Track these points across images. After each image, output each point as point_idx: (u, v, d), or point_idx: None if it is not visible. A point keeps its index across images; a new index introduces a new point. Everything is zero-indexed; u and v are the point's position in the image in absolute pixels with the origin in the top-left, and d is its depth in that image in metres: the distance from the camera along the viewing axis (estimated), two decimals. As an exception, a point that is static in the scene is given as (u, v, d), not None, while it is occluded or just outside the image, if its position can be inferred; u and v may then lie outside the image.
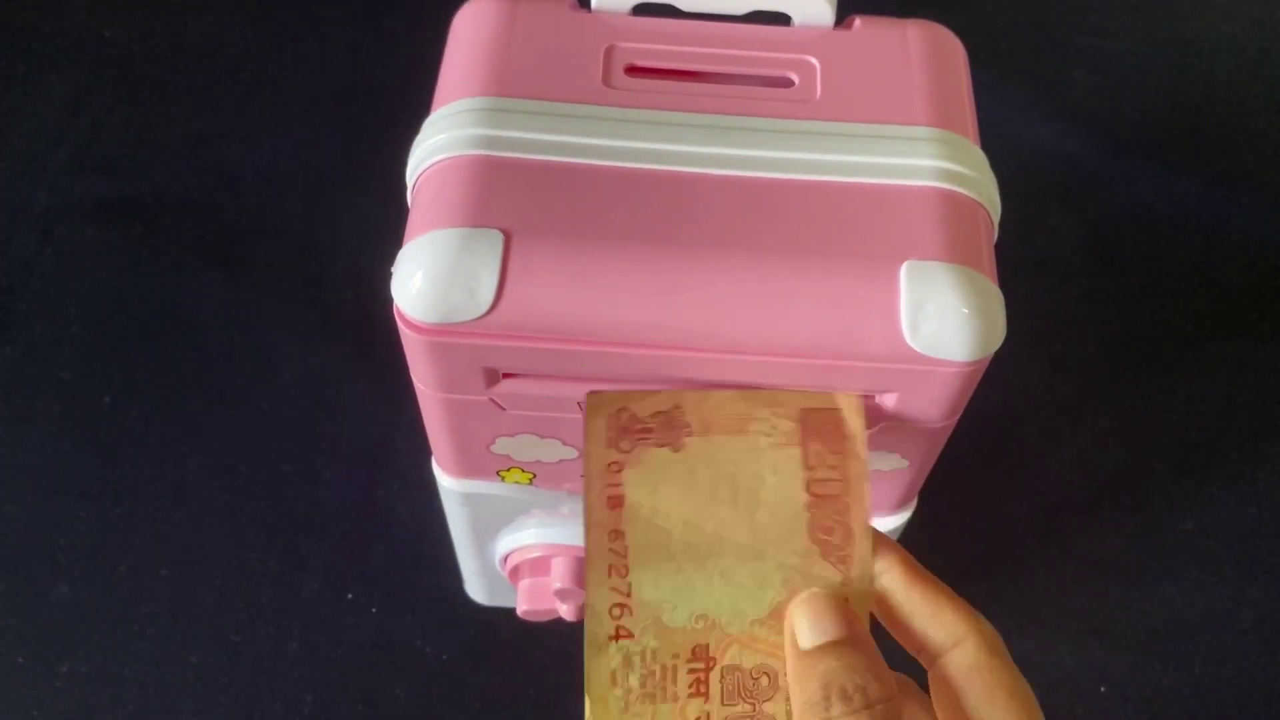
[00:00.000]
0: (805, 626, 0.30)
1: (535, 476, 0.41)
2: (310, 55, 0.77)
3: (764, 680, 0.31)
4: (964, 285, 0.31)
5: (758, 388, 0.33)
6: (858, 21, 0.38)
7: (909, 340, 0.31)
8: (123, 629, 0.56)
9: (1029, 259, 0.68)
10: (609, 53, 0.36)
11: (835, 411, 0.32)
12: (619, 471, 0.32)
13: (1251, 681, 0.56)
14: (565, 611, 0.47)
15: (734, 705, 0.31)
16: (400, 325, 0.33)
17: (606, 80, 0.35)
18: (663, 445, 0.32)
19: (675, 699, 0.31)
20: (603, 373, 0.33)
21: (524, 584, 0.47)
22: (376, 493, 0.60)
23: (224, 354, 0.64)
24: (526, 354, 0.33)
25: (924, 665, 0.31)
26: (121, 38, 0.77)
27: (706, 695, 0.31)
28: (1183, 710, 0.55)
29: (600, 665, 0.31)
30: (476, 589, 0.55)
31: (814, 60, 0.36)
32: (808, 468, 0.32)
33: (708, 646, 0.31)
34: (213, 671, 0.54)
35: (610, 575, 0.31)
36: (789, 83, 0.36)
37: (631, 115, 0.34)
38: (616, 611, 0.31)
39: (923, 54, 0.37)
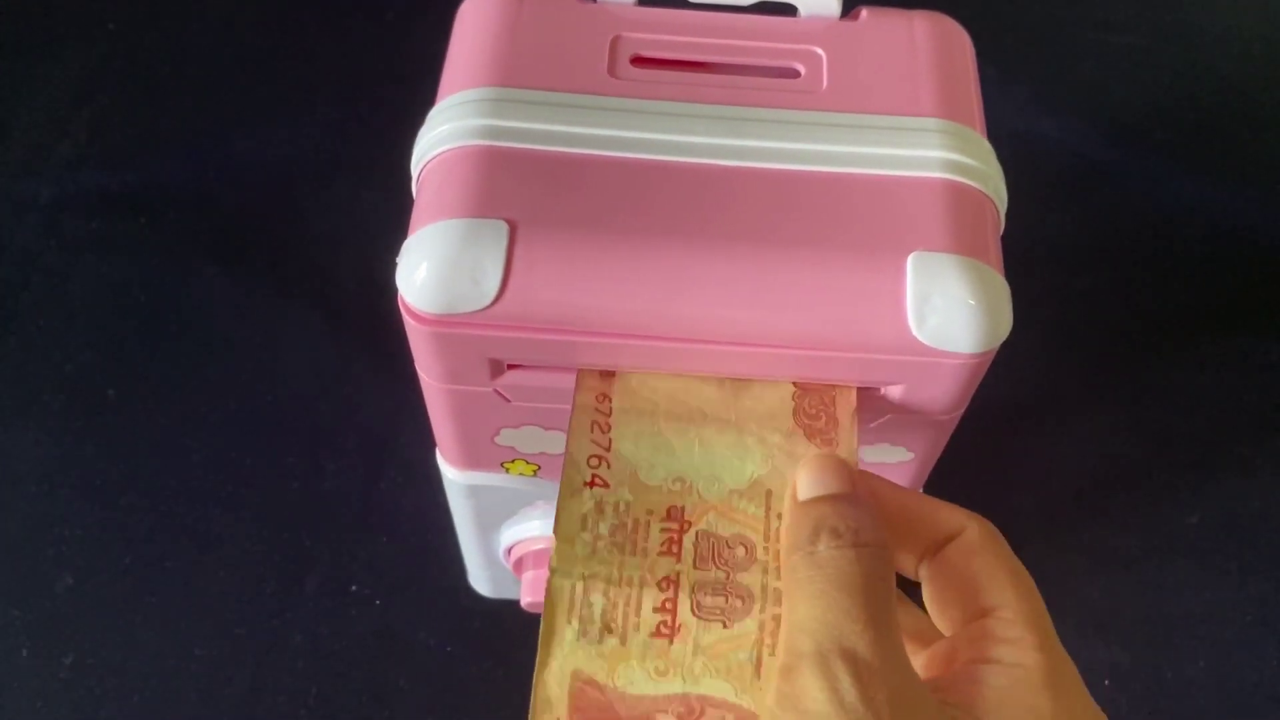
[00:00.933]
0: (805, 480, 0.30)
1: (540, 469, 0.41)
2: (314, 47, 0.77)
3: (740, 550, 0.31)
4: (970, 277, 0.31)
5: (762, 380, 0.33)
6: (864, 13, 0.38)
7: (915, 332, 0.31)
8: (126, 621, 0.56)
9: (1034, 253, 0.68)
10: (615, 43, 0.36)
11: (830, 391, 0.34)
12: (610, 380, 0.33)
13: (1256, 674, 0.56)
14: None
15: (707, 570, 0.30)
16: (405, 316, 0.33)
17: (612, 71, 0.35)
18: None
19: (645, 554, 0.30)
20: (608, 364, 0.33)
21: (528, 576, 0.47)
22: (380, 485, 0.60)
23: (227, 346, 0.64)
24: (531, 345, 0.33)
25: (914, 572, 0.31)
26: (125, 30, 0.77)
27: (678, 556, 0.30)
28: (1186, 703, 0.55)
29: (572, 507, 0.31)
30: (480, 581, 0.55)
31: (820, 51, 0.36)
32: (797, 389, 0.33)
33: (683, 509, 0.31)
34: (217, 664, 0.54)
35: (592, 430, 0.32)
36: (795, 73, 0.36)
37: (637, 106, 0.34)
38: (594, 461, 0.32)
39: (929, 45, 0.37)
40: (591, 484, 0.31)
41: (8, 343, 0.64)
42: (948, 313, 0.31)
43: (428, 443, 0.42)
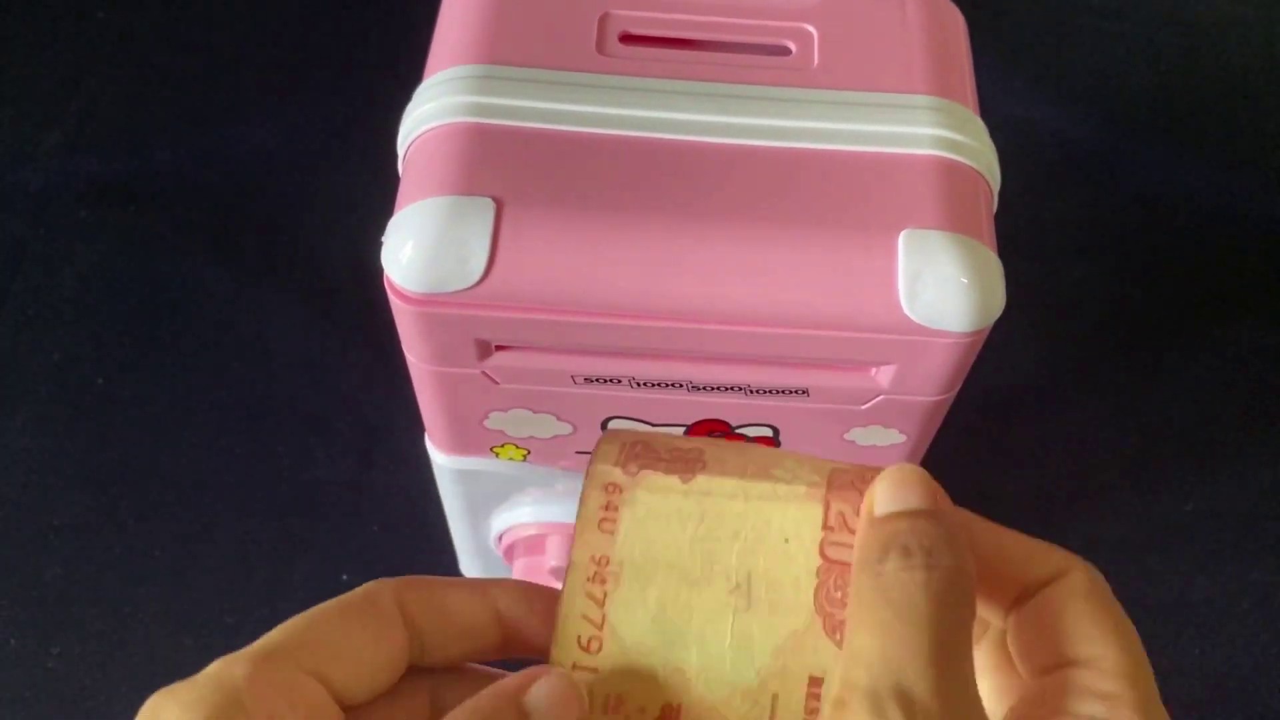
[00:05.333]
0: (884, 494, 0.26)
1: (529, 453, 0.40)
2: (303, 33, 0.77)
3: None
4: (963, 254, 0.31)
5: (752, 360, 0.33)
6: (856, -10, 0.37)
7: (907, 310, 0.31)
8: (116, 611, 0.55)
9: (1031, 240, 0.68)
10: (603, 20, 0.35)
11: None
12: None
13: (1252, 663, 0.55)
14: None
15: None
16: (391, 296, 0.32)
17: (601, 48, 0.35)
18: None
19: None
20: (596, 345, 0.33)
21: (519, 563, 0.47)
22: (371, 472, 0.59)
23: (217, 334, 0.64)
24: (519, 325, 0.32)
25: (1003, 620, 0.27)
26: (114, 18, 0.77)
27: None
28: (1183, 692, 0.55)
29: None
30: (471, 568, 0.54)
31: (811, 28, 0.36)
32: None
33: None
34: (207, 653, 0.53)
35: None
36: (786, 51, 0.36)
37: (626, 83, 0.34)
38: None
39: (922, 22, 0.36)
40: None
41: (-4, 331, 0.63)
42: (940, 290, 0.31)
43: (419, 430, 0.42)
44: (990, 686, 0.28)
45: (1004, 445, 0.62)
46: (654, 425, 0.38)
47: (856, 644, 0.24)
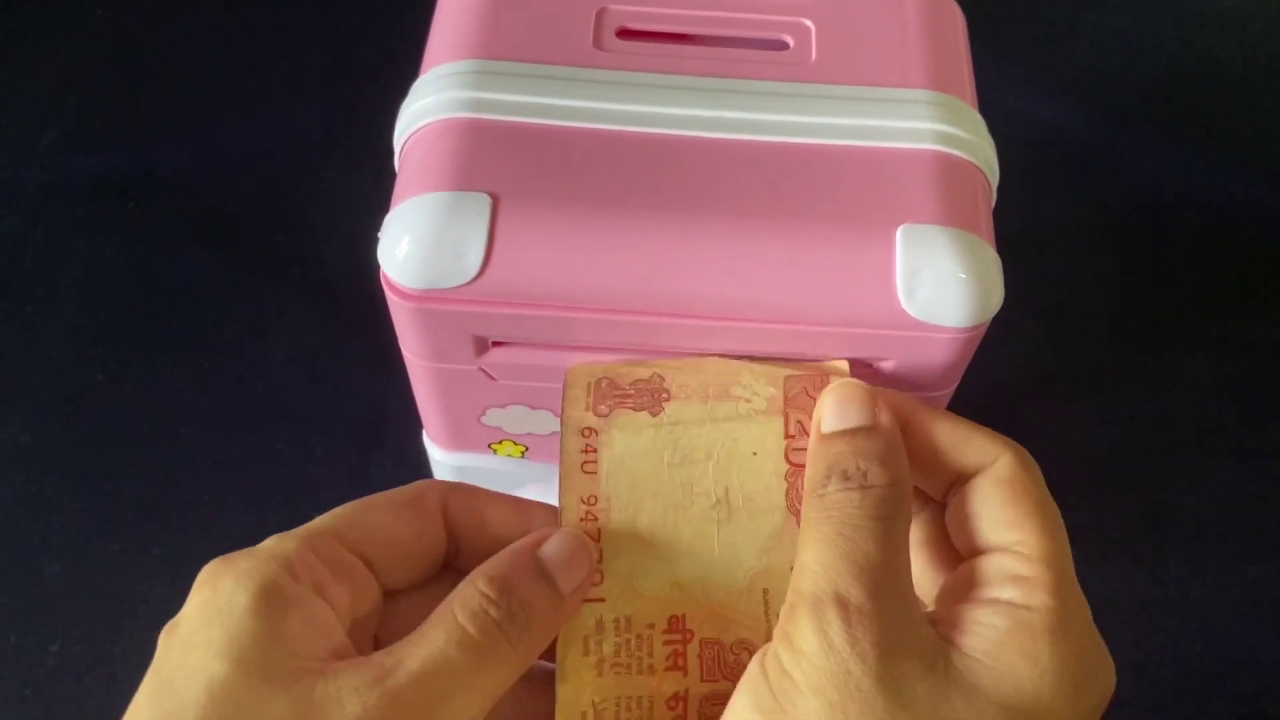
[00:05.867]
0: (828, 411, 0.29)
1: (527, 450, 0.40)
2: (301, 30, 0.76)
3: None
4: (961, 249, 0.31)
5: (749, 358, 0.32)
6: (854, -16, 0.37)
7: (905, 305, 0.31)
8: (115, 608, 0.55)
9: (1031, 235, 0.68)
10: (600, 15, 0.35)
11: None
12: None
13: (1253, 658, 0.55)
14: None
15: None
16: (387, 292, 0.32)
17: (598, 43, 0.35)
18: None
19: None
20: (593, 340, 0.33)
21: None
22: (371, 470, 0.59)
23: (216, 331, 0.64)
24: (516, 321, 0.32)
25: (942, 499, 0.30)
26: (113, 16, 0.77)
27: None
28: (1184, 687, 0.55)
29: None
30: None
31: (809, 23, 0.36)
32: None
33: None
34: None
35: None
36: (784, 45, 0.35)
37: (623, 78, 0.34)
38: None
39: (920, 17, 0.36)
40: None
41: (-5, 329, 0.63)
42: (938, 286, 0.30)
43: (418, 427, 0.42)
44: (926, 559, 0.31)
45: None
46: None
47: (804, 557, 0.27)
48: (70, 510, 0.58)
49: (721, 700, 0.29)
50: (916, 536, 0.31)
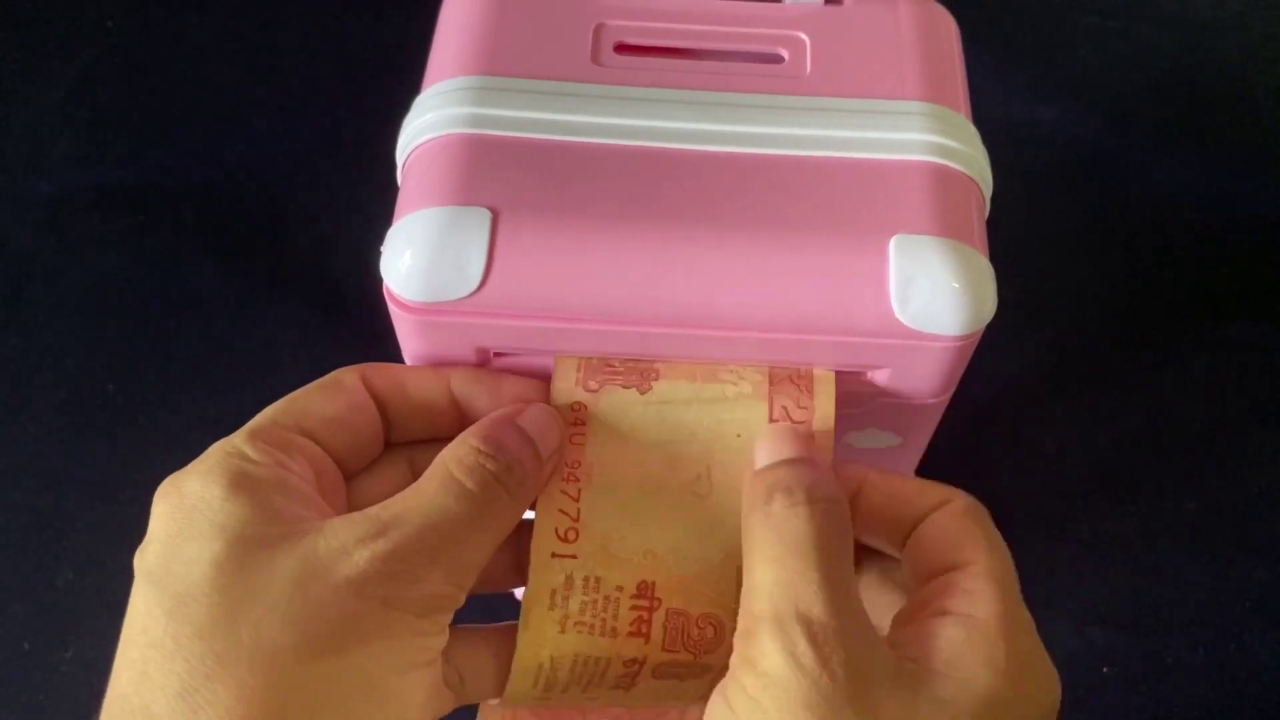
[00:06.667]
0: (763, 451, 0.30)
1: (531, 457, 0.41)
2: (310, 41, 0.77)
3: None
4: (954, 259, 0.31)
5: (745, 363, 0.33)
6: (848, -3, 0.38)
7: (898, 315, 0.31)
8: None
9: (1033, 239, 0.68)
10: (598, 30, 0.36)
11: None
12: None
13: (1255, 662, 0.56)
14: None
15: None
16: (390, 305, 0.33)
17: (596, 58, 0.35)
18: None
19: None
20: (593, 350, 0.33)
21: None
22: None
23: (227, 341, 0.64)
24: (517, 332, 0.33)
25: (896, 549, 0.31)
26: (124, 28, 0.78)
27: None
28: (1186, 691, 0.55)
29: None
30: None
31: (804, 36, 0.36)
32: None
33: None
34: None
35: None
36: (779, 59, 0.36)
37: (620, 93, 0.34)
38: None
39: (914, 29, 0.37)
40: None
41: (8, 339, 0.64)
42: (931, 295, 0.31)
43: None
44: (872, 606, 0.31)
45: (1006, 443, 0.62)
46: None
47: (755, 578, 0.27)
48: (82, 518, 0.59)
49: (677, 671, 0.30)
50: (871, 594, 0.32)
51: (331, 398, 0.31)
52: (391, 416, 0.32)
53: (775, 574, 0.26)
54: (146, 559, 0.27)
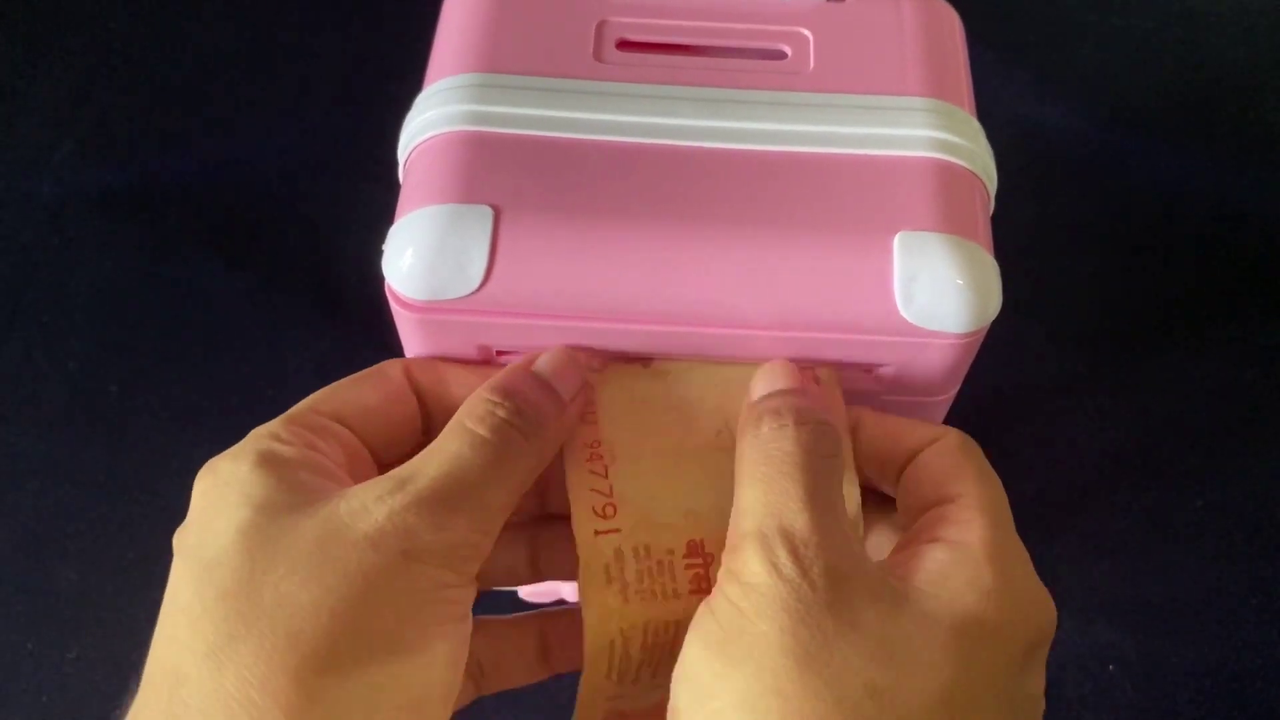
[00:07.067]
0: (758, 384, 0.31)
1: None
2: (313, 40, 0.77)
3: None
4: (958, 256, 0.31)
5: (747, 361, 0.33)
6: (852, -7, 0.37)
7: (903, 312, 0.31)
8: (129, 616, 0.56)
9: (1037, 237, 0.68)
10: (600, 27, 0.36)
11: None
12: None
13: (1262, 660, 0.55)
14: (567, 592, 0.47)
15: None
16: (392, 303, 0.33)
17: (598, 55, 0.35)
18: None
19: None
20: (596, 349, 0.33)
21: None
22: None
23: (230, 341, 0.64)
24: (520, 330, 0.33)
25: (892, 488, 0.31)
26: (126, 28, 0.77)
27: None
28: (1192, 689, 0.55)
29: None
30: (481, 572, 0.55)
31: (807, 32, 0.36)
32: None
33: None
34: (220, 656, 0.55)
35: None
36: (782, 55, 0.36)
37: (623, 89, 0.34)
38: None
39: (917, 25, 0.36)
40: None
41: (11, 339, 0.64)
42: (935, 292, 0.31)
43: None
44: (873, 548, 0.32)
45: (1012, 441, 0.62)
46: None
47: (742, 498, 0.27)
48: (85, 518, 0.59)
49: None
50: (873, 536, 0.32)
51: (373, 387, 0.31)
52: (431, 410, 0.32)
53: (762, 493, 0.27)
54: (183, 537, 0.28)
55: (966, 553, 0.27)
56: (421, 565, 0.26)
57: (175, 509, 0.59)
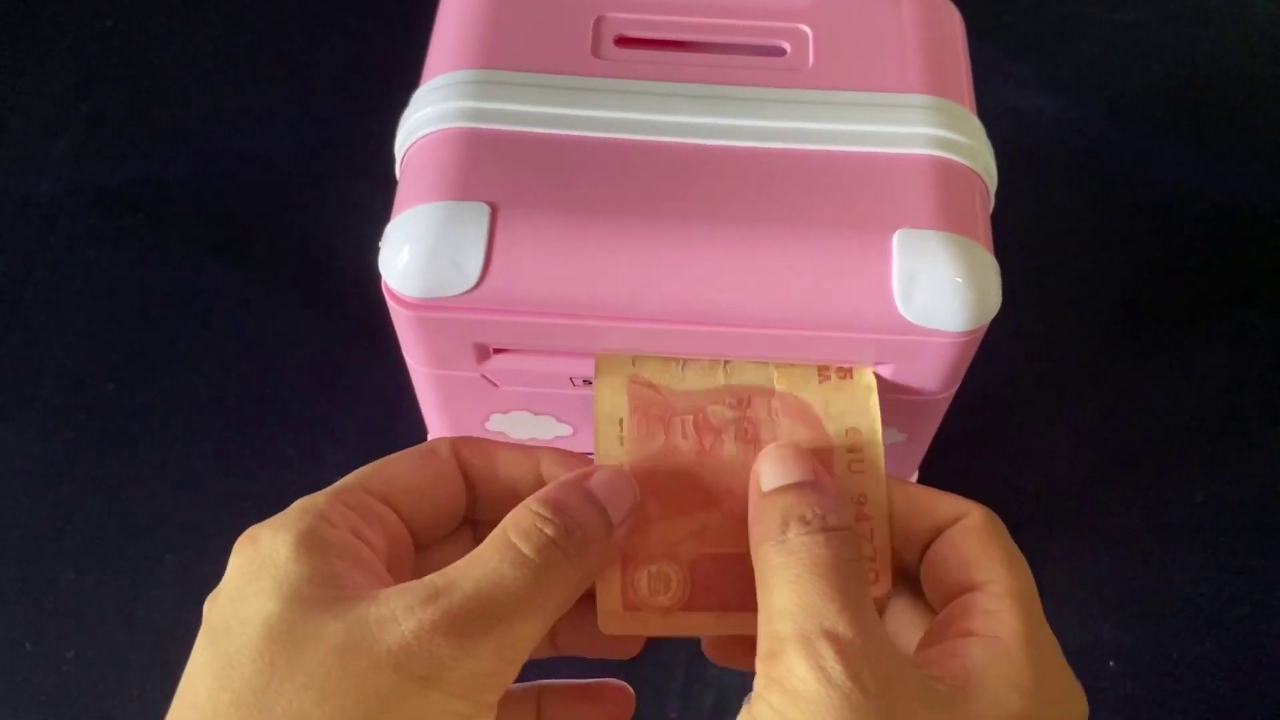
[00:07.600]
0: (768, 471, 0.30)
1: (532, 455, 0.40)
2: (309, 39, 0.77)
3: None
4: (957, 254, 0.31)
5: (746, 359, 0.33)
6: (851, -11, 0.37)
7: (902, 310, 0.31)
8: (128, 615, 0.56)
9: (1036, 233, 0.68)
10: (598, 24, 0.36)
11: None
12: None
13: (1263, 655, 0.55)
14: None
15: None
16: (389, 300, 0.33)
17: (596, 51, 0.35)
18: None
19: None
20: (593, 347, 0.33)
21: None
22: (379, 475, 0.59)
23: (227, 339, 0.64)
24: (516, 328, 0.32)
25: (916, 563, 0.31)
26: (121, 27, 0.77)
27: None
28: (1193, 685, 0.54)
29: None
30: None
31: (806, 28, 0.36)
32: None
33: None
34: (219, 655, 0.54)
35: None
36: (781, 51, 0.36)
37: (620, 86, 0.34)
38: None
39: (917, 21, 0.36)
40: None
41: (9, 338, 0.64)
42: (934, 291, 0.31)
43: (424, 432, 0.42)
44: (894, 630, 0.32)
45: (1012, 436, 0.61)
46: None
47: (775, 602, 0.27)
48: (83, 517, 0.58)
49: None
50: (893, 617, 0.32)
51: (422, 465, 0.30)
52: (478, 491, 0.31)
53: (796, 596, 0.26)
54: (214, 609, 0.27)
55: (1002, 649, 0.26)
56: (439, 694, 0.25)
57: (173, 508, 0.59)
